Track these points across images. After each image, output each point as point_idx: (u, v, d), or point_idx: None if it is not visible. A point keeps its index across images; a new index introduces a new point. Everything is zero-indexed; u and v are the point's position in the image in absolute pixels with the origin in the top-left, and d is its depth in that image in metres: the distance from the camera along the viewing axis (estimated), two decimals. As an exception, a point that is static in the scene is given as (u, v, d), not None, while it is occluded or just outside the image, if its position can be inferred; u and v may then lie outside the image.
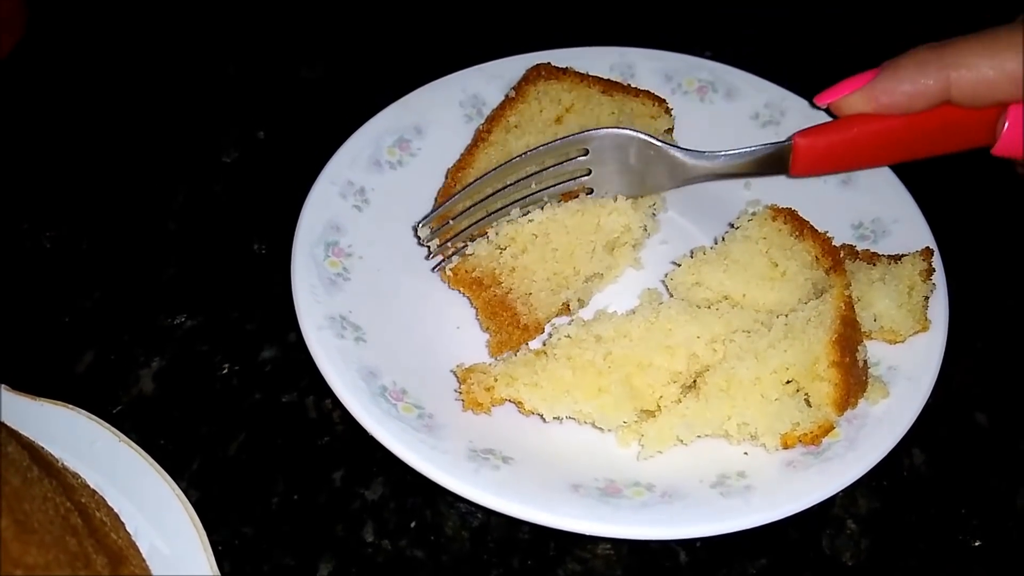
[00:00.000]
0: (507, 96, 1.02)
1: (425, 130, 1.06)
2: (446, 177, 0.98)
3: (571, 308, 0.94)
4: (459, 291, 0.93)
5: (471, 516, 0.85)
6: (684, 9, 1.39)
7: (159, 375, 0.94)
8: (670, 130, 1.02)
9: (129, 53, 1.29)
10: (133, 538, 0.72)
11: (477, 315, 0.92)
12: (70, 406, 0.80)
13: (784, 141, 0.88)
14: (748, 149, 0.90)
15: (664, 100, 1.01)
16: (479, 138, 1.00)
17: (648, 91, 1.02)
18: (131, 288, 1.01)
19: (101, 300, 1.00)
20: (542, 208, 0.90)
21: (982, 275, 1.05)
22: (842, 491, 0.79)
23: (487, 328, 0.92)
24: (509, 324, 0.89)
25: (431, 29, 1.35)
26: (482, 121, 1.04)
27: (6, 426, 0.73)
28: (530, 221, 0.89)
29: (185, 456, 0.87)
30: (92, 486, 0.74)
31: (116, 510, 0.73)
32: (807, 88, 1.11)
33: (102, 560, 0.65)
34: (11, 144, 1.16)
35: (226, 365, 0.95)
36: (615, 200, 0.91)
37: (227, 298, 1.01)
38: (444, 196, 0.96)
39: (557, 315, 0.95)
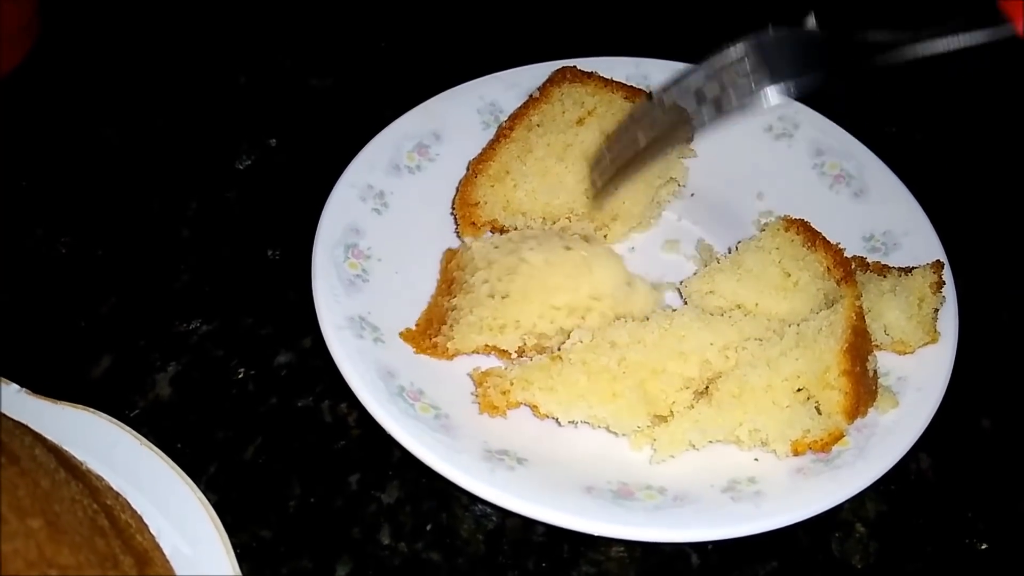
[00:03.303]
0: (531, 96, 1.04)
1: (444, 136, 1.08)
2: (467, 169, 1.01)
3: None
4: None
5: (486, 519, 0.86)
6: (694, 20, 1.41)
7: (175, 380, 0.95)
8: (690, 138, 1.03)
9: (142, 62, 1.30)
10: (156, 540, 0.72)
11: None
12: (91, 409, 0.80)
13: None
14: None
15: (686, 109, 1.03)
16: (501, 134, 1.02)
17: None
18: (146, 293, 1.02)
19: (117, 305, 1.01)
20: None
21: (992, 287, 1.07)
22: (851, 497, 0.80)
23: (417, 322, 0.93)
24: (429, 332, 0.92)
25: (440, 40, 1.36)
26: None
27: (31, 430, 0.74)
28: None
29: (202, 460, 0.88)
30: (115, 489, 0.75)
31: (139, 512, 0.74)
32: (819, 100, 1.13)
33: (129, 561, 0.66)
34: (26, 151, 1.16)
35: (242, 370, 0.96)
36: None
37: (241, 303, 1.02)
38: (465, 186, 0.99)
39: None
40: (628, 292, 0.91)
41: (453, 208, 1.00)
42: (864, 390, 0.83)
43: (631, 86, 1.06)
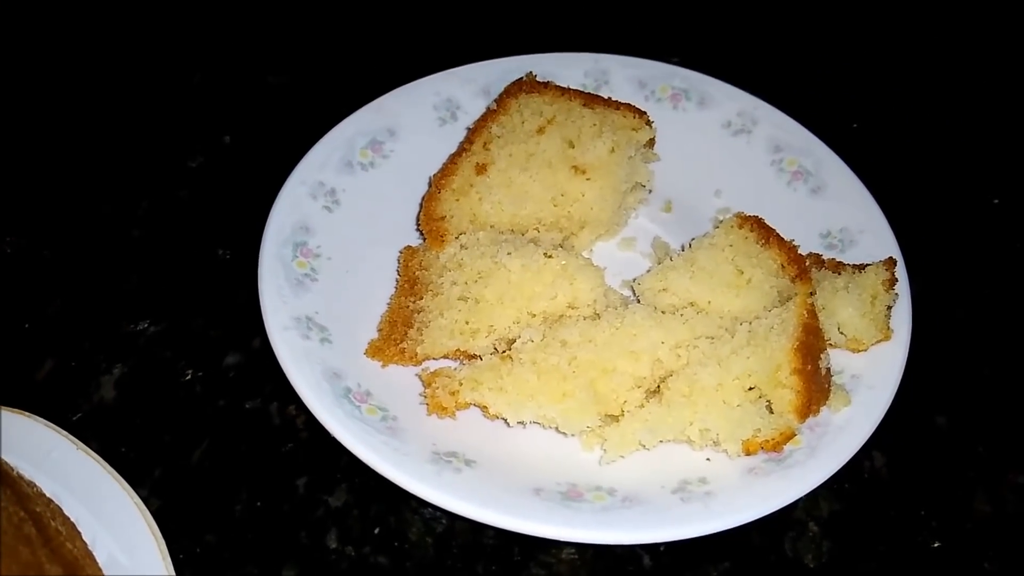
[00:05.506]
0: (489, 108, 1.03)
1: (398, 132, 1.06)
2: (429, 184, 0.98)
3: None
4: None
5: (435, 522, 0.85)
6: (654, 14, 1.40)
7: (121, 382, 0.93)
8: (652, 141, 1.02)
9: (94, 59, 1.28)
10: (90, 547, 0.71)
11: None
12: (27, 414, 0.79)
13: None
14: None
15: (645, 112, 1.02)
16: (462, 148, 1.00)
17: (629, 104, 1.02)
18: (93, 294, 1.00)
19: (63, 306, 0.99)
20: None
21: (948, 285, 1.06)
22: (803, 497, 0.80)
23: (379, 328, 0.91)
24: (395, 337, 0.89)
25: (397, 36, 1.35)
26: (455, 124, 1.05)
27: (-41, 435, 0.72)
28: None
29: (147, 464, 0.86)
30: (48, 495, 0.73)
31: (73, 519, 0.72)
32: (777, 96, 1.12)
33: (56, 570, 0.64)
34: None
35: (189, 371, 0.94)
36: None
37: (191, 304, 1.00)
38: (428, 202, 0.97)
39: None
40: (604, 304, 0.90)
41: (418, 224, 0.97)
42: (816, 388, 0.82)
43: (589, 93, 1.04)
